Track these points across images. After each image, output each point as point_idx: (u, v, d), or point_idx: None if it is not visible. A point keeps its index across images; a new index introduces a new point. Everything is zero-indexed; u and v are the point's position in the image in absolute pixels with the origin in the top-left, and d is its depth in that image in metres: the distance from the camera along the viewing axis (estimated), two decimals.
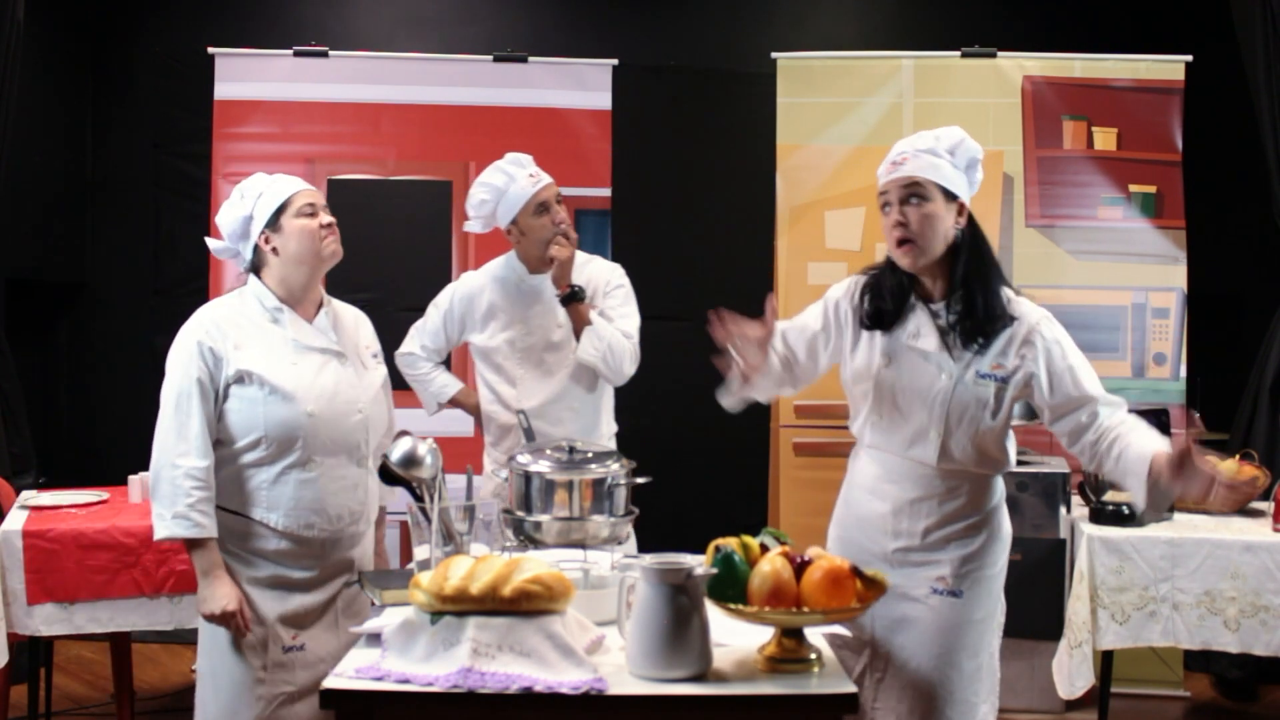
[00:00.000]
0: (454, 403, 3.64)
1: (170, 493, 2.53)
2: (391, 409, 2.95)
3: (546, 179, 3.38)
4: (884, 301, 2.47)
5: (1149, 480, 2.23)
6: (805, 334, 2.57)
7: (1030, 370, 2.37)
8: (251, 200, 2.70)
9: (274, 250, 2.69)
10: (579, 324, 3.31)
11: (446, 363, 3.70)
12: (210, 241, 2.81)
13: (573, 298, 3.30)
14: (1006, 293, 2.42)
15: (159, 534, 2.54)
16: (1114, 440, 2.30)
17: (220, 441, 2.62)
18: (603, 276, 3.45)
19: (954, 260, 2.41)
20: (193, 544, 2.56)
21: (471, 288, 3.51)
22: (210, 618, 2.57)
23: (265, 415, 2.59)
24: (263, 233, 2.68)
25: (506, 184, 3.38)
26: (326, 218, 2.72)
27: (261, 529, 2.63)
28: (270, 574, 2.63)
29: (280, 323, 2.69)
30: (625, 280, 3.48)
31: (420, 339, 3.59)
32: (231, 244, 2.75)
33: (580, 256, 3.47)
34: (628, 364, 3.35)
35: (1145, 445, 2.26)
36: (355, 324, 2.88)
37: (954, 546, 2.42)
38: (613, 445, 3.49)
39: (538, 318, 3.40)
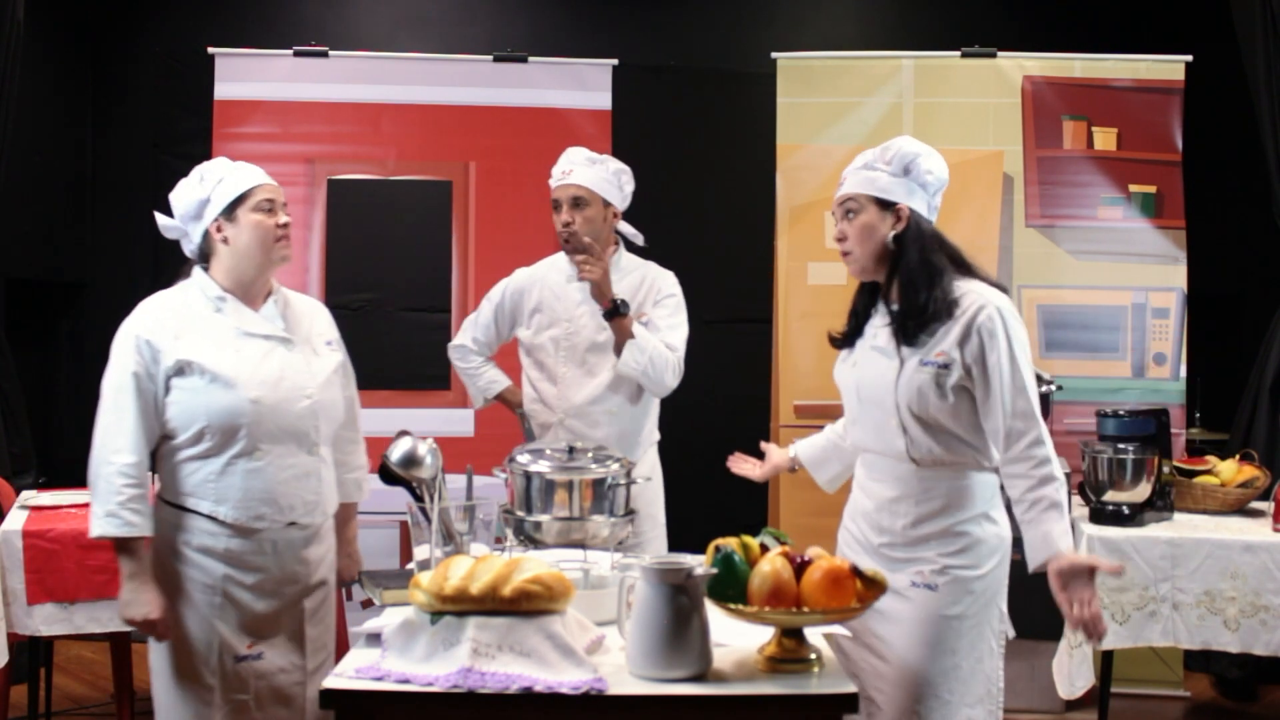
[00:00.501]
0: (500, 399, 3.63)
1: (105, 490, 2.49)
2: (353, 397, 2.85)
3: (568, 180, 3.34)
4: (852, 321, 2.63)
5: (1040, 562, 2.33)
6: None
7: (967, 362, 2.40)
8: (211, 184, 2.61)
9: (224, 240, 2.61)
10: (621, 338, 3.24)
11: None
12: (159, 218, 2.70)
13: (614, 313, 3.24)
14: (961, 285, 2.46)
15: (94, 532, 2.50)
16: (1040, 500, 2.34)
17: (165, 436, 2.57)
18: (654, 284, 3.41)
19: (898, 262, 2.51)
20: (121, 546, 2.51)
21: (522, 282, 3.51)
22: (131, 623, 2.53)
23: (207, 404, 2.52)
24: (216, 220, 2.60)
25: (554, 171, 3.40)
26: (283, 218, 2.64)
27: (211, 525, 2.55)
28: (220, 578, 2.55)
29: (223, 311, 2.61)
30: (677, 289, 3.43)
31: (472, 332, 3.58)
32: (182, 224, 2.66)
33: (633, 261, 3.46)
34: (670, 376, 3.30)
35: (1060, 536, 2.32)
36: (310, 312, 2.79)
37: (935, 544, 2.45)
38: (653, 454, 3.48)
39: (583, 317, 3.37)
